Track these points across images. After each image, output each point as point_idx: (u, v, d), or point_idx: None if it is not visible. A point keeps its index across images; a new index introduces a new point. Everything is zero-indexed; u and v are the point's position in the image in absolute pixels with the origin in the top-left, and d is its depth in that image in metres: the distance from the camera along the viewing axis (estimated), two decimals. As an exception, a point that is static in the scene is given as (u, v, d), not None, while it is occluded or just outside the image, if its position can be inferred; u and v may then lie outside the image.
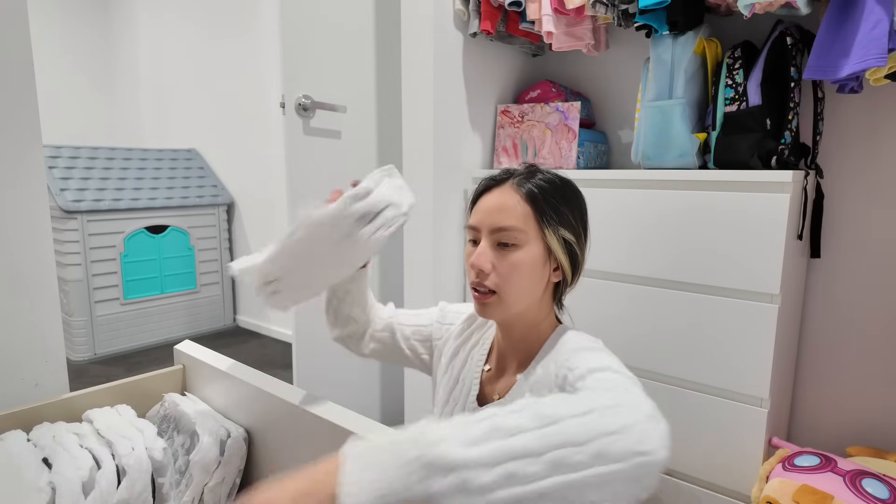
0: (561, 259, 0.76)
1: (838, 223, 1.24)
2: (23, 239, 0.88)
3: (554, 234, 0.75)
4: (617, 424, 0.46)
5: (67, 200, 2.52)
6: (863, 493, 0.90)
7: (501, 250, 0.74)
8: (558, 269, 0.78)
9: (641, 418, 0.47)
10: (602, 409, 0.47)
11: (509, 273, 0.74)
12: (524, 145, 1.47)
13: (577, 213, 0.79)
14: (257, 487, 0.47)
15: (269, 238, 3.21)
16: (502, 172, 0.80)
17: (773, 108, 1.12)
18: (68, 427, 0.78)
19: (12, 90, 0.86)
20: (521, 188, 0.75)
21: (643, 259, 1.18)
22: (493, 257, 0.74)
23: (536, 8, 1.30)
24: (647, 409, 0.49)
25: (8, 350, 0.88)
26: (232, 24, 2.95)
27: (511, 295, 0.74)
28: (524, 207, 0.74)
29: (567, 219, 0.76)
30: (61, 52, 3.79)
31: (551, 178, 0.78)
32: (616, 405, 0.48)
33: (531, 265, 0.74)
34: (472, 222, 0.78)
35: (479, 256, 0.74)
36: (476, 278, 0.75)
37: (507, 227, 0.73)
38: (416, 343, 0.94)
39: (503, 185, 0.77)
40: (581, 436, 0.45)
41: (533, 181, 0.76)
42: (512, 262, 0.73)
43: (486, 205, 0.77)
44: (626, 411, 0.48)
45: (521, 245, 0.74)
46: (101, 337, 2.67)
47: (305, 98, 1.55)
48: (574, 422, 0.46)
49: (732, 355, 1.09)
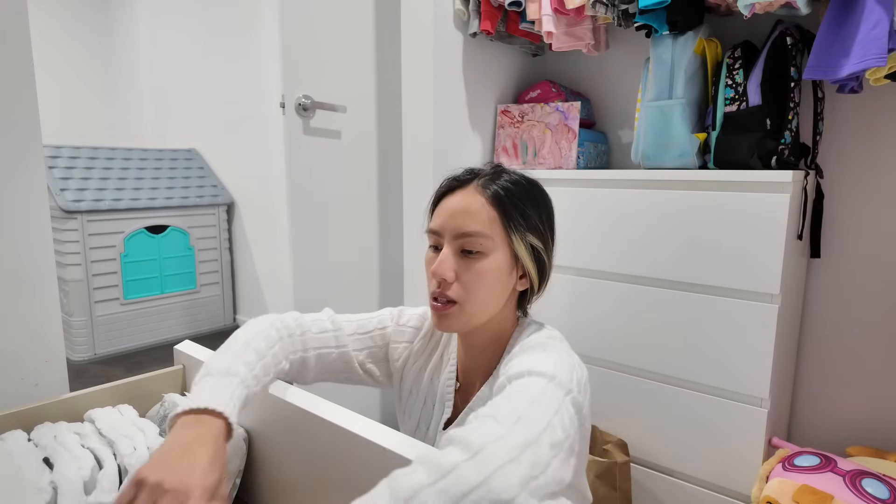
0: (528, 267, 0.72)
1: (838, 223, 1.24)
2: (23, 239, 0.88)
3: (522, 241, 0.70)
4: (480, 477, 0.45)
5: (67, 200, 2.52)
6: (863, 494, 0.90)
7: (465, 258, 0.70)
8: (524, 277, 0.74)
9: (503, 460, 0.46)
10: (466, 459, 0.47)
11: (473, 282, 0.69)
12: (524, 145, 1.47)
13: (545, 216, 0.75)
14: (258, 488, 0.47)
15: (268, 238, 3.19)
16: (466, 172, 0.75)
17: (773, 108, 1.12)
18: (70, 427, 0.78)
19: (12, 90, 0.86)
20: (487, 190, 0.70)
21: (643, 259, 1.18)
22: (456, 265, 0.69)
23: (536, 8, 1.30)
24: (515, 443, 0.48)
25: (8, 350, 0.88)
26: (232, 23, 2.95)
27: (473, 305, 0.70)
28: (490, 211, 0.69)
29: (535, 223, 0.72)
30: (61, 52, 3.79)
31: (518, 180, 0.73)
32: (480, 450, 0.47)
33: (497, 274, 0.70)
34: (434, 226, 0.72)
35: (441, 265, 0.69)
36: (437, 288, 0.70)
37: (472, 232, 0.69)
38: (372, 366, 0.87)
39: (467, 186, 0.72)
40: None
41: (499, 182, 0.71)
42: (477, 270, 0.69)
43: (449, 207, 0.71)
44: (489, 457, 0.47)
45: (486, 252, 0.69)
46: (101, 337, 2.67)
47: (305, 98, 1.55)
48: (433, 490, 0.45)
49: (732, 355, 1.09)
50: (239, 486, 0.85)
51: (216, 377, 0.65)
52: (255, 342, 0.72)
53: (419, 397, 0.84)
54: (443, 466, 0.46)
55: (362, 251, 1.79)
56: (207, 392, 0.62)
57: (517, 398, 0.56)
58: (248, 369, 0.68)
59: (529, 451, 0.48)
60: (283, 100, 1.52)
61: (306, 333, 0.81)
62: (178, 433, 0.58)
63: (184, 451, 0.55)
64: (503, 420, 0.51)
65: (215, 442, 0.57)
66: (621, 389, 1.26)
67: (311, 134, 1.60)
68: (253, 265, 3.12)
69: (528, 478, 0.46)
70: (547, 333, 0.74)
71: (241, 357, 0.69)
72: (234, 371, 0.66)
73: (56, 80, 3.76)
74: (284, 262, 2.79)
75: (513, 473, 0.46)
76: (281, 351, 0.76)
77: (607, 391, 1.28)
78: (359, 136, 1.74)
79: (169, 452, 0.55)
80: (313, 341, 0.81)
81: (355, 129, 1.72)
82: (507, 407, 0.54)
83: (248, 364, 0.68)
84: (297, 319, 0.82)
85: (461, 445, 0.48)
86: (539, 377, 0.59)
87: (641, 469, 1.25)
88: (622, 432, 1.27)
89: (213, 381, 0.64)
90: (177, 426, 0.59)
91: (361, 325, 0.87)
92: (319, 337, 0.82)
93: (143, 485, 0.51)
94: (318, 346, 0.82)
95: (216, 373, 0.66)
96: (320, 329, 0.82)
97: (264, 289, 3.08)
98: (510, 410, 0.53)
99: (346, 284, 1.74)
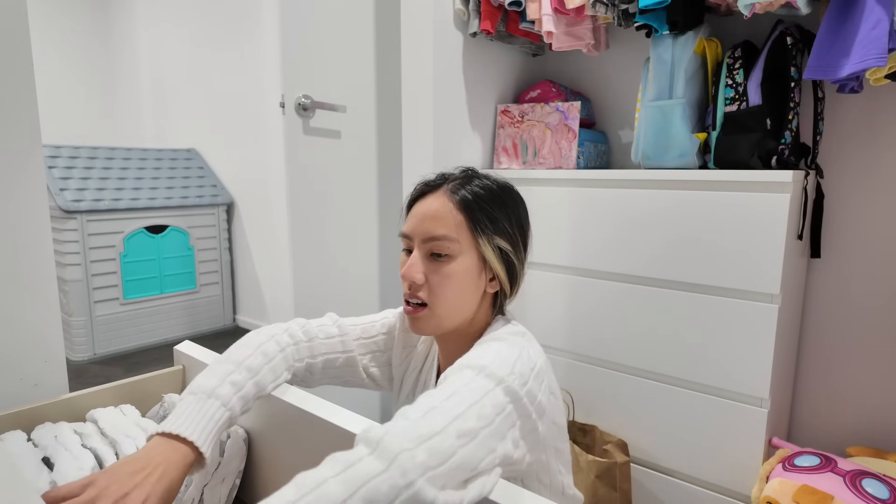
0: (497, 269, 0.73)
1: (838, 223, 1.24)
2: (22, 239, 0.88)
3: (488, 244, 0.72)
4: (381, 465, 0.46)
5: (67, 200, 2.52)
6: (863, 494, 0.90)
7: (434, 261, 0.71)
8: (495, 280, 0.75)
9: (401, 448, 0.47)
10: (370, 453, 0.48)
11: (440, 285, 0.71)
12: (524, 145, 1.47)
13: (515, 220, 0.75)
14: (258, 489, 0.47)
15: (268, 238, 3.20)
16: (437, 177, 0.76)
17: (773, 107, 1.12)
18: (71, 426, 0.78)
19: (12, 90, 0.86)
20: (455, 195, 0.72)
21: (643, 259, 1.18)
22: (426, 268, 0.71)
23: (536, 8, 1.30)
24: (416, 434, 0.49)
25: (7, 350, 0.88)
26: (232, 23, 2.95)
27: (443, 308, 0.72)
28: (457, 216, 0.71)
29: (503, 227, 0.73)
30: (61, 52, 3.79)
31: (487, 185, 0.74)
32: (380, 442, 0.48)
33: (464, 277, 0.71)
34: (405, 230, 0.75)
35: (410, 268, 0.71)
36: (408, 290, 0.72)
37: (439, 236, 0.70)
38: (375, 370, 0.88)
39: (437, 190, 0.74)
40: (343, 492, 0.45)
41: (468, 188, 0.73)
42: (444, 273, 0.70)
43: (420, 212, 0.73)
44: (388, 447, 0.48)
45: (454, 255, 0.71)
46: (101, 337, 2.67)
47: (305, 98, 1.55)
48: (336, 480, 0.46)
49: (732, 355, 1.09)
50: (239, 486, 0.85)
51: (199, 397, 0.66)
52: (250, 360, 0.73)
53: (409, 401, 0.85)
54: (347, 460, 0.48)
55: (362, 251, 1.79)
56: (184, 415, 0.64)
57: (437, 393, 0.57)
58: (235, 390, 0.69)
59: (431, 441, 0.50)
60: (282, 99, 1.52)
61: (314, 340, 0.82)
62: (147, 451, 0.60)
63: (141, 468, 0.57)
64: (411, 415, 0.53)
65: (176, 468, 0.59)
66: (621, 389, 1.26)
67: (310, 134, 1.59)
68: (252, 265, 3.12)
69: (425, 467, 0.48)
70: (509, 329, 0.74)
71: (231, 376, 0.70)
72: (219, 393, 0.67)
73: (56, 80, 3.76)
74: (284, 261, 2.79)
75: (410, 461, 0.47)
76: (281, 363, 0.77)
77: (607, 391, 1.28)
78: (358, 136, 1.74)
79: (129, 465, 0.57)
80: (321, 347, 0.82)
81: (355, 129, 1.72)
82: (422, 402, 0.56)
83: (235, 384, 0.69)
84: (303, 327, 0.83)
85: (365, 441, 0.50)
86: (469, 369, 0.61)
87: (641, 469, 1.25)
88: (622, 432, 1.27)
89: (196, 403, 0.66)
90: (148, 444, 0.61)
91: (366, 329, 0.88)
92: (326, 343, 0.83)
93: (91, 486, 0.54)
94: (326, 352, 0.83)
95: (200, 392, 0.67)
96: (327, 335, 0.83)
97: (264, 289, 3.08)
98: (423, 404, 0.55)
99: (346, 284, 1.74)
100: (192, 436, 0.61)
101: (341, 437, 0.68)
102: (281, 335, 0.79)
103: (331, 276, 1.68)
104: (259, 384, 0.72)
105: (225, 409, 0.66)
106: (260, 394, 0.73)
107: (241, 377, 0.70)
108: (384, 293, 1.85)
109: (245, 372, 0.71)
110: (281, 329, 0.81)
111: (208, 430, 0.63)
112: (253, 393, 0.71)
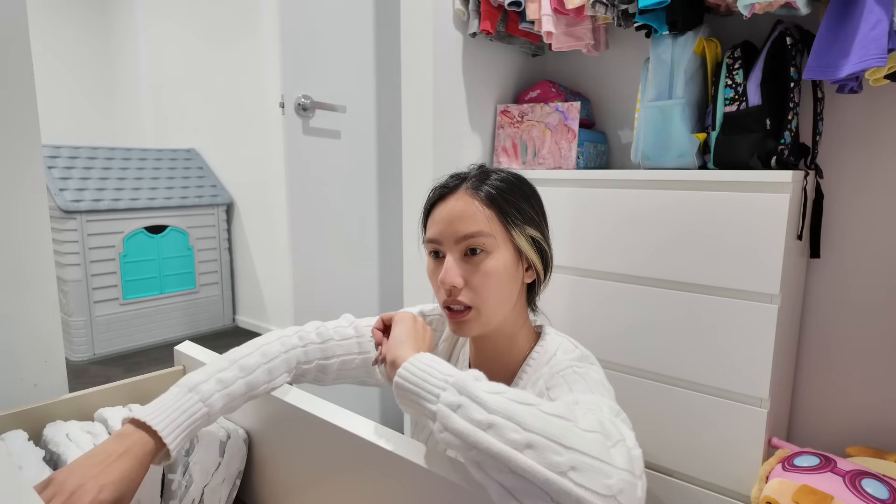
0: (532, 258, 0.73)
1: (838, 223, 1.24)
2: (22, 239, 0.88)
3: (521, 234, 0.72)
4: (606, 456, 0.46)
5: (66, 200, 2.52)
6: (862, 494, 0.90)
7: (471, 261, 0.70)
8: (530, 269, 0.75)
9: (634, 472, 0.47)
10: (606, 437, 0.48)
11: (484, 283, 0.69)
12: (524, 145, 1.47)
13: (538, 207, 0.76)
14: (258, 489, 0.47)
15: (268, 238, 3.20)
16: (452, 178, 0.76)
17: (772, 108, 1.12)
18: (81, 426, 0.79)
19: (11, 90, 0.86)
20: (479, 191, 0.71)
21: (643, 259, 1.18)
22: (463, 270, 0.70)
23: (536, 8, 1.30)
24: (637, 468, 0.49)
25: (7, 350, 0.88)
26: (232, 23, 2.95)
27: (489, 306, 0.70)
28: (486, 211, 0.70)
29: (530, 216, 0.74)
30: (61, 52, 3.79)
31: (505, 177, 0.75)
32: (619, 441, 0.49)
33: (504, 271, 0.71)
34: (432, 235, 0.72)
35: (448, 273, 0.69)
36: (448, 296, 0.71)
37: (473, 233, 0.69)
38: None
39: (457, 191, 0.73)
40: (571, 441, 0.45)
41: (489, 182, 0.72)
42: (485, 271, 0.69)
43: (444, 214, 0.72)
44: (622, 454, 0.47)
45: (490, 251, 0.70)
46: (101, 337, 2.67)
47: (305, 98, 1.55)
48: (577, 429, 0.47)
49: (732, 355, 1.09)
50: (239, 486, 0.85)
51: (181, 390, 0.68)
52: (246, 359, 0.74)
53: None
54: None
55: (362, 251, 1.79)
56: (160, 406, 0.65)
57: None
58: (221, 387, 0.69)
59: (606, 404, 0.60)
60: (282, 100, 1.52)
61: (328, 342, 0.82)
62: (110, 440, 0.61)
63: (102, 460, 0.58)
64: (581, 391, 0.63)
65: (135, 458, 0.60)
66: (621, 389, 1.25)
67: (310, 134, 1.60)
68: (252, 265, 3.12)
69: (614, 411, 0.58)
70: (578, 354, 0.75)
71: (220, 373, 0.71)
72: (201, 388, 0.68)
73: (56, 80, 3.76)
74: (284, 261, 2.79)
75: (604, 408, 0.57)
76: (282, 365, 0.77)
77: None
78: (358, 136, 1.74)
79: (88, 458, 0.58)
80: (336, 349, 0.82)
81: (355, 129, 1.72)
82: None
83: (222, 381, 0.70)
84: (317, 329, 0.83)
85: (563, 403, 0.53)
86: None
87: (641, 469, 1.24)
88: (622, 432, 1.27)
89: (175, 395, 0.67)
90: (116, 432, 0.62)
91: None
92: (342, 344, 0.83)
93: (50, 484, 0.55)
94: (342, 354, 0.83)
95: (184, 385, 0.68)
96: (343, 336, 0.83)
97: (263, 289, 3.08)
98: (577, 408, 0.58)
99: (346, 284, 1.74)
100: (160, 426, 0.62)
101: (341, 437, 0.68)
102: (289, 337, 0.80)
103: (330, 276, 1.68)
104: (251, 384, 0.72)
105: (202, 405, 0.67)
106: (252, 393, 0.73)
107: (230, 375, 0.71)
108: (384, 293, 1.85)
109: (237, 370, 0.72)
110: (292, 331, 0.81)
111: (178, 423, 0.64)
112: (242, 392, 0.71)
